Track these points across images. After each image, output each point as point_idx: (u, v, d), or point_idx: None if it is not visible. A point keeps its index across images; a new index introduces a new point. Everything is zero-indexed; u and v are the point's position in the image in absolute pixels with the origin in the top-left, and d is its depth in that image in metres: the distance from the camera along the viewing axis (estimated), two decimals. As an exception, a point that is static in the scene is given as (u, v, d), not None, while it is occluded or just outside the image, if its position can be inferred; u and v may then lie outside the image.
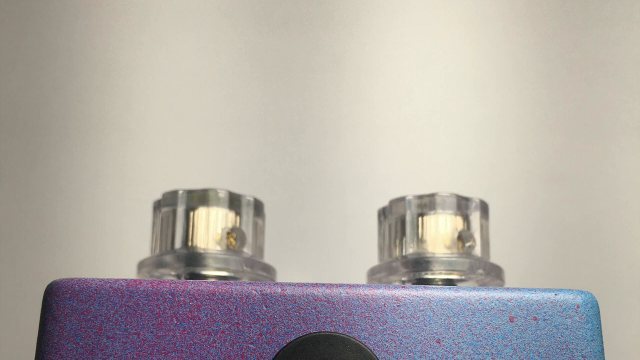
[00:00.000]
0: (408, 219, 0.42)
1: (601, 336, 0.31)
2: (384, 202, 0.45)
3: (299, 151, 0.64)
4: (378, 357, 0.30)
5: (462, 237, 0.41)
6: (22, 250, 0.61)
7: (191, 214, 0.42)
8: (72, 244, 0.61)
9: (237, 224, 0.42)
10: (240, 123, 0.65)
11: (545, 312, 0.31)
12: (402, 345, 0.31)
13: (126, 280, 0.31)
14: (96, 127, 0.64)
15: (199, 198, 0.42)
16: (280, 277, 0.47)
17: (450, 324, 0.31)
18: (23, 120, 0.64)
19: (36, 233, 0.61)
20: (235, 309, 0.31)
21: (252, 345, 0.30)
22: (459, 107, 0.66)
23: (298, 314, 0.31)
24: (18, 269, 0.60)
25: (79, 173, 0.63)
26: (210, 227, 0.41)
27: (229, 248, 0.41)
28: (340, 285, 0.31)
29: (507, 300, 0.31)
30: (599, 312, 0.32)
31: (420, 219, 0.42)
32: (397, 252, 0.42)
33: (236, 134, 0.65)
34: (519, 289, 0.32)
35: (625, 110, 0.65)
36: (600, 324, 0.32)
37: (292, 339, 0.30)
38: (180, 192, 0.42)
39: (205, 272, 0.40)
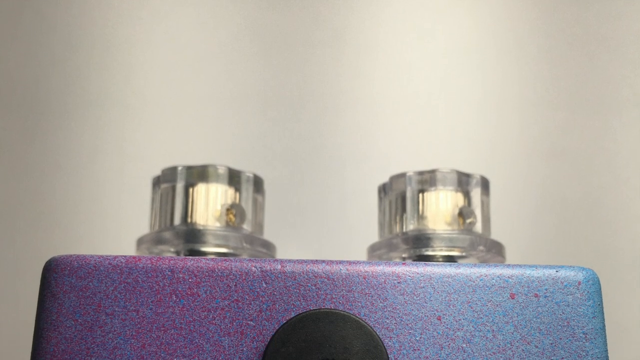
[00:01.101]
0: (408, 195, 0.42)
1: (602, 313, 0.31)
2: (384, 178, 0.44)
3: (299, 127, 0.64)
4: (378, 333, 0.30)
5: (463, 214, 0.41)
6: (20, 227, 0.61)
7: (190, 190, 0.41)
8: (71, 221, 0.61)
9: (237, 200, 0.42)
10: (239, 98, 0.65)
11: (546, 289, 0.31)
12: (402, 322, 0.30)
13: (125, 256, 0.31)
14: (95, 103, 0.64)
15: (199, 174, 0.42)
16: (280, 254, 0.47)
17: (450, 300, 0.31)
18: (21, 96, 0.64)
19: (35, 210, 0.61)
20: (235, 285, 0.31)
21: (251, 322, 0.30)
22: (459, 83, 0.65)
23: (298, 290, 0.31)
24: (17, 245, 0.60)
25: (77, 149, 0.63)
26: (209, 203, 0.41)
27: (228, 224, 0.41)
28: (340, 262, 0.31)
29: (508, 277, 0.31)
30: (600, 288, 0.32)
31: (420, 195, 0.42)
32: (397, 229, 0.42)
33: (236, 110, 0.64)
34: (520, 266, 0.32)
35: (627, 85, 0.65)
36: (601, 301, 0.32)
37: (292, 316, 0.30)
38: (180, 168, 0.42)
39: (204, 249, 0.40)
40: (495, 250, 0.41)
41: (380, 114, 0.65)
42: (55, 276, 0.31)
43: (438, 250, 0.40)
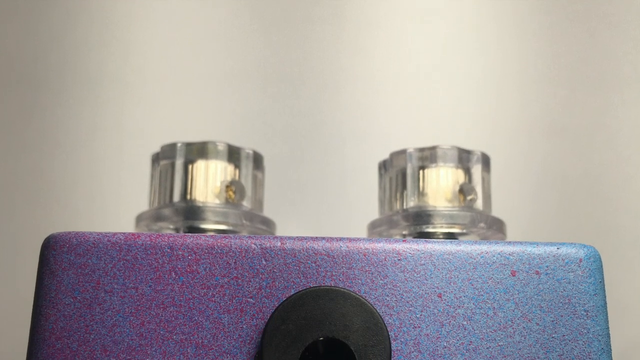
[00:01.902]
0: (409, 171, 0.42)
1: (604, 290, 0.31)
2: (385, 155, 0.44)
3: (299, 104, 0.64)
4: (378, 311, 0.30)
5: (464, 190, 0.41)
6: (19, 203, 0.61)
7: (190, 166, 0.41)
8: (70, 198, 0.61)
9: (237, 177, 0.42)
10: (239, 75, 0.64)
11: (547, 266, 0.31)
12: (402, 300, 0.30)
13: (124, 233, 0.31)
14: (94, 79, 0.64)
15: (198, 151, 0.41)
16: (280, 231, 0.47)
17: (451, 278, 0.31)
18: (20, 72, 0.64)
19: (34, 186, 0.61)
20: (235, 263, 0.30)
21: (251, 300, 0.30)
22: (460, 59, 0.65)
23: (298, 268, 0.31)
24: (15, 222, 0.60)
25: (76, 126, 0.63)
26: (209, 180, 0.41)
27: (228, 201, 0.41)
28: (341, 239, 0.31)
29: (509, 254, 0.31)
30: (601, 265, 0.32)
31: (421, 171, 0.42)
32: (397, 206, 0.42)
33: (236, 87, 0.64)
34: (521, 243, 0.32)
35: (628, 62, 0.65)
36: (602, 278, 0.31)
37: (291, 293, 0.30)
38: (179, 144, 0.42)
39: (204, 226, 0.40)
40: (496, 227, 0.41)
41: (381, 90, 0.64)
42: (54, 253, 0.30)
43: (439, 227, 0.40)
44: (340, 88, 0.64)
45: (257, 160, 0.43)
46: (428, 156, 0.42)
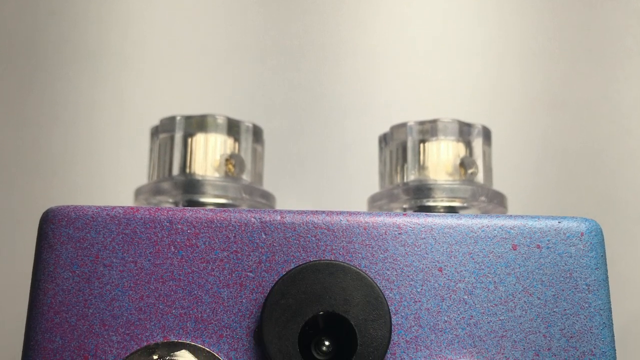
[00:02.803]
0: (409, 145, 0.42)
1: (605, 264, 0.31)
2: (385, 128, 0.44)
3: (299, 76, 0.64)
4: (379, 285, 0.30)
5: (465, 164, 0.41)
6: (18, 177, 0.61)
7: (189, 140, 0.41)
8: (68, 171, 0.61)
9: (236, 151, 0.42)
10: (239, 48, 0.64)
11: (548, 240, 0.31)
12: (403, 274, 0.30)
13: (123, 207, 0.31)
14: (93, 53, 0.63)
15: (197, 124, 0.41)
16: (280, 205, 0.47)
17: (452, 252, 0.31)
18: (18, 46, 0.63)
19: (32, 160, 0.61)
20: (234, 236, 0.30)
21: (251, 274, 0.30)
22: (460, 32, 0.65)
23: (298, 241, 0.30)
24: (14, 196, 0.60)
25: (75, 100, 0.62)
26: (208, 153, 0.41)
27: (227, 175, 0.41)
28: (341, 213, 0.31)
29: (510, 228, 0.31)
30: (603, 239, 0.32)
31: (421, 145, 0.41)
32: (398, 179, 0.42)
33: (235, 60, 0.64)
34: (522, 217, 0.32)
35: (630, 35, 0.64)
36: (604, 252, 0.31)
37: (291, 267, 0.30)
38: (178, 117, 0.41)
39: (203, 200, 0.40)
40: (497, 201, 0.41)
41: (381, 63, 0.64)
42: (53, 227, 0.30)
43: (439, 201, 0.40)
44: (340, 61, 0.64)
45: (257, 134, 0.43)
46: (429, 129, 0.41)
